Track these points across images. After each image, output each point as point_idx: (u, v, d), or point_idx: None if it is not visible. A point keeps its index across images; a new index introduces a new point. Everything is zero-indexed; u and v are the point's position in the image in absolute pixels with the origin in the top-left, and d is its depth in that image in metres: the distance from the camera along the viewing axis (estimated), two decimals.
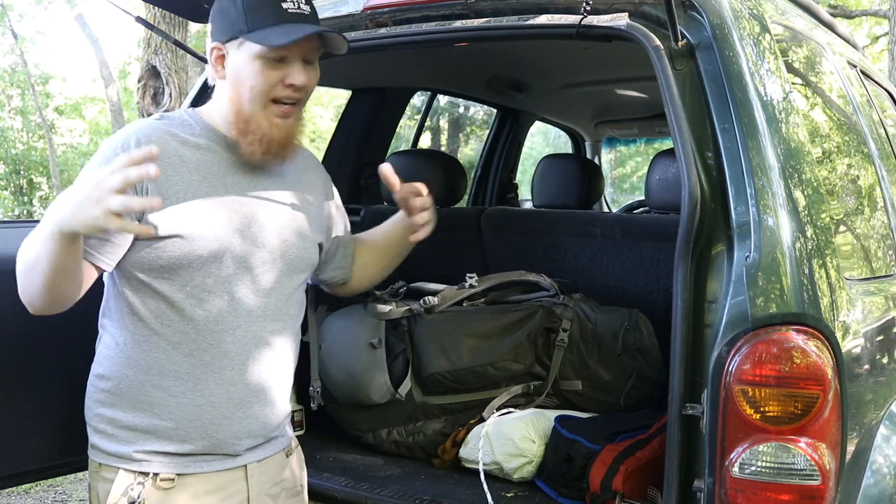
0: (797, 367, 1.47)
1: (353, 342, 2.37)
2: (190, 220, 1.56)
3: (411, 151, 3.69)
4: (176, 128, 1.64)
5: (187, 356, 1.59)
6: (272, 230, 1.67)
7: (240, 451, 1.65)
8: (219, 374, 1.60)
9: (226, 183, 1.63)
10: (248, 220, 1.63)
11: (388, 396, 2.35)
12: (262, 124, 1.60)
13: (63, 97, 18.14)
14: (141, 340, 1.59)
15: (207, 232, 1.57)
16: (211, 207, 1.59)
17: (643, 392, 2.40)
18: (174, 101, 6.08)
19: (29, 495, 4.39)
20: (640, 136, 5.40)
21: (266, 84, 1.59)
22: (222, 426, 1.61)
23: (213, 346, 1.59)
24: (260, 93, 1.59)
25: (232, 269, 1.60)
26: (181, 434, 1.60)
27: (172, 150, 1.58)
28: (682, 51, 1.71)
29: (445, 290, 2.48)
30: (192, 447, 1.61)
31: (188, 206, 1.56)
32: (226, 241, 1.59)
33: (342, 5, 2.20)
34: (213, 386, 1.60)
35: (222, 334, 1.60)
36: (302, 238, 1.73)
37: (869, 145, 2.31)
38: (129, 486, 1.57)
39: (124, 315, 1.60)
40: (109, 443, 1.61)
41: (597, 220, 2.83)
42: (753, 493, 1.48)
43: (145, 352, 1.59)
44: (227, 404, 1.61)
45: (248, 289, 1.62)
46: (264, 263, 1.65)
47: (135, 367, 1.59)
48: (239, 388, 1.62)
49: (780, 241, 1.54)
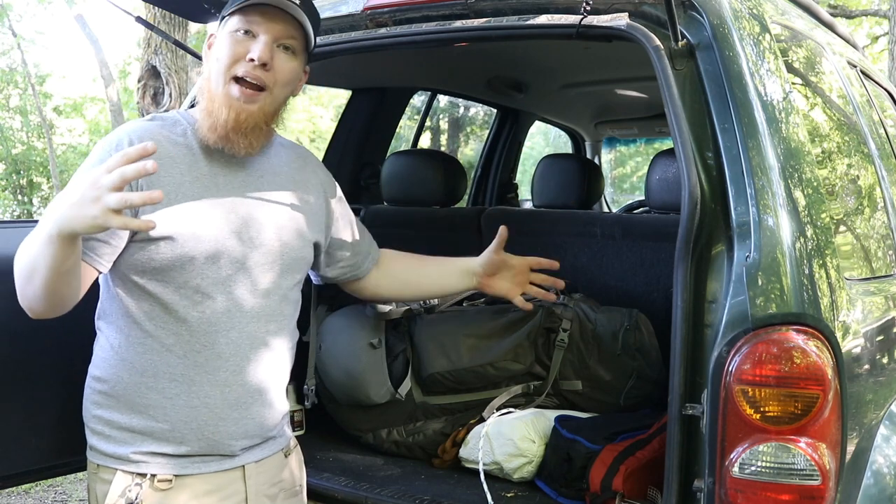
0: (797, 367, 1.47)
1: (353, 342, 2.37)
2: (182, 221, 1.55)
3: (411, 151, 3.68)
4: (167, 128, 1.63)
5: (181, 358, 1.58)
6: (268, 231, 1.66)
7: (237, 452, 1.65)
8: (213, 375, 1.60)
9: (217, 183, 1.62)
10: (242, 221, 1.63)
11: (388, 396, 2.35)
12: (219, 102, 1.59)
13: (62, 97, 18.14)
14: (135, 343, 1.59)
15: (201, 233, 1.57)
16: (204, 208, 1.58)
17: (643, 392, 2.40)
18: (174, 101, 6.08)
19: (29, 495, 4.39)
20: (640, 136, 5.40)
21: (229, 57, 1.58)
22: (218, 427, 1.61)
23: (206, 347, 1.59)
24: (224, 66, 1.58)
25: (226, 271, 1.60)
26: (177, 435, 1.59)
27: (164, 150, 1.58)
28: (682, 51, 1.71)
29: None
30: (189, 448, 1.60)
31: (180, 208, 1.56)
32: (220, 242, 1.59)
33: (342, 5, 2.20)
34: (208, 387, 1.60)
35: (216, 335, 1.59)
36: (298, 237, 1.72)
37: (869, 145, 2.31)
38: (126, 487, 1.57)
39: (119, 317, 1.60)
40: (107, 444, 1.60)
41: (597, 220, 2.83)
42: (753, 493, 1.48)
43: (140, 354, 1.59)
44: (222, 405, 1.61)
45: (243, 290, 1.62)
46: (259, 265, 1.64)
47: (130, 369, 1.59)
48: (234, 388, 1.62)
49: (780, 241, 1.54)
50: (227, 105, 1.58)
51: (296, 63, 1.65)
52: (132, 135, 1.58)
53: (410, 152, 3.52)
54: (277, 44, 1.61)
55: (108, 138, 1.61)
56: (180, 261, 1.55)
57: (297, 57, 1.65)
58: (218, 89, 1.59)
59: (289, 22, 1.60)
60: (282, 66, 1.61)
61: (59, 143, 17.58)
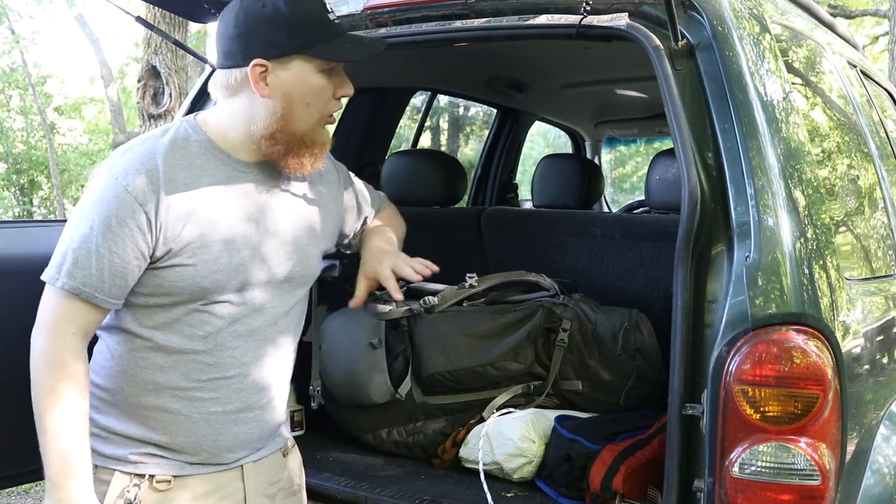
0: (797, 367, 1.47)
1: (353, 342, 2.37)
2: (194, 248, 1.52)
3: (411, 151, 3.68)
4: (179, 151, 1.55)
5: (184, 375, 1.56)
6: (280, 254, 1.63)
7: (233, 460, 1.64)
8: (216, 392, 1.58)
9: (229, 206, 1.57)
10: (254, 245, 1.59)
11: (388, 396, 2.35)
12: (311, 140, 1.59)
13: (63, 97, 18.14)
14: (138, 357, 1.56)
15: (212, 260, 1.53)
16: (216, 234, 1.54)
17: (643, 392, 2.40)
18: (174, 101, 6.08)
19: (29, 495, 4.39)
20: (640, 136, 5.40)
21: (324, 99, 1.59)
22: (217, 441, 1.60)
23: (210, 366, 1.57)
24: (319, 108, 1.58)
25: (234, 296, 1.57)
26: (175, 446, 1.59)
27: (175, 177, 1.51)
28: (682, 51, 1.71)
29: (445, 290, 2.47)
30: (187, 457, 1.60)
31: (192, 234, 1.52)
32: (230, 268, 1.55)
33: (342, 5, 2.19)
34: (210, 404, 1.58)
35: (220, 354, 1.57)
36: (309, 255, 1.70)
37: (869, 145, 2.31)
38: (125, 487, 1.56)
39: (122, 330, 1.57)
40: (104, 445, 1.59)
41: (597, 220, 2.83)
42: (753, 493, 1.48)
43: (141, 368, 1.56)
44: (223, 421, 1.60)
45: (250, 310, 1.59)
46: (268, 285, 1.61)
47: (130, 381, 1.57)
48: (235, 405, 1.60)
49: (780, 241, 1.54)
50: (321, 144, 1.61)
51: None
52: (132, 183, 1.48)
53: (410, 152, 3.53)
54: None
55: (110, 191, 1.49)
56: (190, 289, 1.52)
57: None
58: (304, 128, 1.58)
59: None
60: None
61: (59, 143, 17.58)
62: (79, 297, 1.47)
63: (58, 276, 1.47)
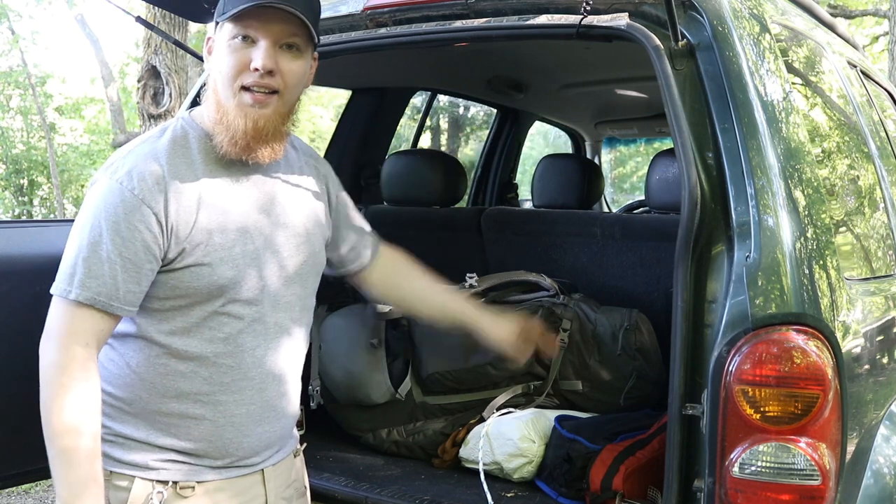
0: (797, 367, 1.47)
1: (353, 342, 2.37)
2: (206, 245, 1.49)
3: (411, 151, 3.68)
4: (179, 149, 1.53)
5: (206, 380, 1.53)
6: (290, 245, 1.61)
7: (258, 462, 1.63)
8: (239, 394, 1.55)
9: (237, 198, 1.55)
10: (267, 235, 1.57)
11: (388, 396, 2.35)
12: (233, 114, 1.50)
13: (63, 97, 18.13)
14: (157, 364, 1.52)
15: (226, 255, 1.50)
16: (228, 226, 1.52)
17: (643, 392, 2.40)
18: (174, 101, 6.08)
19: (29, 495, 4.39)
20: (640, 136, 5.40)
21: (232, 67, 1.49)
22: (242, 444, 1.58)
23: (232, 368, 1.54)
24: (228, 77, 1.50)
25: (251, 293, 1.54)
26: (200, 451, 1.55)
27: (179, 175, 1.49)
28: (682, 51, 1.71)
29: None
30: (211, 462, 1.56)
31: (203, 230, 1.49)
32: (245, 261, 1.53)
33: (342, 5, 2.19)
34: (234, 406, 1.55)
35: (242, 355, 1.54)
36: (316, 245, 1.68)
37: (869, 145, 2.31)
38: (148, 495, 1.51)
39: (138, 338, 1.53)
40: (121, 451, 1.53)
41: (597, 220, 2.83)
42: (753, 493, 1.48)
43: (161, 375, 1.52)
44: (247, 423, 1.57)
45: (266, 308, 1.57)
46: (281, 278, 1.59)
47: (150, 389, 1.52)
48: (258, 405, 1.58)
49: (780, 241, 1.54)
50: (242, 115, 1.49)
51: (302, 60, 1.54)
52: (138, 185, 1.46)
53: (410, 152, 3.53)
54: (279, 45, 1.50)
55: (114, 195, 1.46)
56: (207, 288, 1.49)
57: (303, 53, 1.54)
58: (228, 101, 1.50)
59: (287, 20, 1.48)
60: (288, 68, 1.51)
61: (59, 143, 17.57)
62: (93, 307, 1.43)
63: (70, 288, 1.43)
